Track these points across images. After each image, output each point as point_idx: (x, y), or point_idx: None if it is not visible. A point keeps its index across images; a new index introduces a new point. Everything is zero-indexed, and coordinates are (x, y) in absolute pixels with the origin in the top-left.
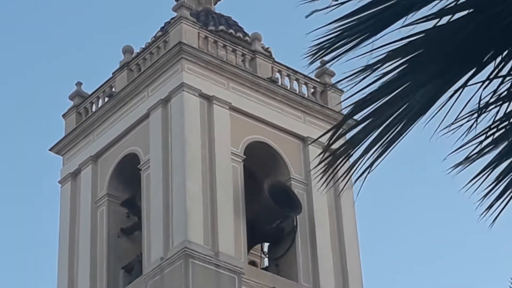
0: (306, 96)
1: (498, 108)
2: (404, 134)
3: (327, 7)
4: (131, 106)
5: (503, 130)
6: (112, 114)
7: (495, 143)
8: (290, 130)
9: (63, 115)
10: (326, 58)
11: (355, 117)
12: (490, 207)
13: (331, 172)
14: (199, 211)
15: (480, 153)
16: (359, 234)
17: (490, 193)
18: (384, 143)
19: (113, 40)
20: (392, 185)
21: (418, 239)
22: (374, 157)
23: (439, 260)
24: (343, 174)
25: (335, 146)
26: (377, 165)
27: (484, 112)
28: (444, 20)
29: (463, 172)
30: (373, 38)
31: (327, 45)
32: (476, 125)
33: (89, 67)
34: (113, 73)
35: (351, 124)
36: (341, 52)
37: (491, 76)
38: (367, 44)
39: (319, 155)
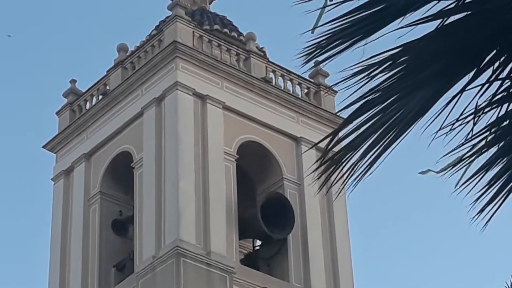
0: (299, 96)
1: (491, 112)
2: (401, 138)
3: (322, 7)
4: (125, 104)
5: (495, 134)
6: (106, 112)
7: (488, 146)
8: (284, 130)
9: (57, 113)
10: (320, 58)
11: (354, 121)
12: (482, 210)
13: (327, 177)
14: (192, 210)
15: (473, 157)
16: (351, 235)
17: (482, 197)
18: (380, 148)
19: (108, 38)
20: (385, 186)
21: (409, 241)
22: (370, 162)
23: (430, 262)
24: (338, 178)
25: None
26: (374, 169)
27: (480, 116)
28: (441, 22)
29: (455, 175)
30: (367, 39)
31: (321, 45)
32: (473, 129)
33: (83, 65)
34: (107, 71)
35: (348, 129)
36: (335, 52)
37: (490, 80)
38: (362, 46)
39: (318, 160)
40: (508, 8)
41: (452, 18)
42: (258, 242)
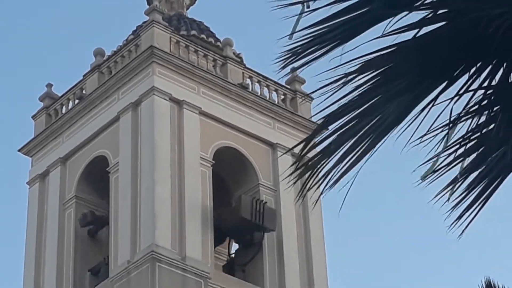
0: (276, 102)
1: (468, 121)
2: (377, 146)
3: (299, 14)
4: (101, 108)
5: (472, 142)
6: (82, 117)
7: (464, 155)
8: (260, 136)
9: (33, 116)
10: (297, 64)
11: (329, 127)
12: (459, 218)
13: (304, 183)
14: (167, 215)
15: (450, 165)
16: (326, 241)
17: (459, 205)
18: (356, 155)
19: (84, 42)
20: (361, 194)
21: (385, 248)
22: (346, 168)
23: (406, 269)
24: (313, 184)
25: (306, 156)
26: (353, 175)
27: (455, 125)
28: (418, 32)
29: (432, 184)
30: (344, 46)
31: (298, 51)
32: (448, 137)
33: (60, 69)
34: (84, 75)
35: (323, 135)
36: (312, 58)
37: (462, 91)
38: (339, 55)
39: (292, 165)
40: (484, 21)
41: (428, 28)
42: (234, 248)
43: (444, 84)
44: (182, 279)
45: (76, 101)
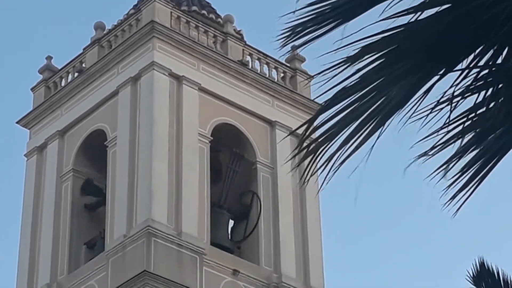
0: (275, 80)
1: (467, 100)
2: (382, 128)
3: None
4: (100, 82)
5: (470, 121)
6: (81, 90)
7: (462, 134)
8: (258, 114)
9: (32, 89)
10: (298, 42)
11: (331, 109)
12: (453, 197)
13: (306, 165)
14: (164, 190)
15: (446, 144)
16: (322, 220)
17: (455, 184)
18: (360, 138)
19: (85, 15)
20: (358, 172)
21: (382, 227)
22: (349, 152)
23: (402, 248)
24: (316, 170)
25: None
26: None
27: (457, 103)
28: (421, 14)
29: (429, 161)
30: (346, 25)
31: (299, 29)
32: (450, 116)
33: (60, 42)
34: (84, 49)
35: (325, 117)
36: (313, 37)
37: (466, 69)
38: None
39: (296, 148)
40: (487, 5)
41: (432, 11)
42: (230, 225)
43: (448, 66)
44: (178, 255)
45: (76, 74)
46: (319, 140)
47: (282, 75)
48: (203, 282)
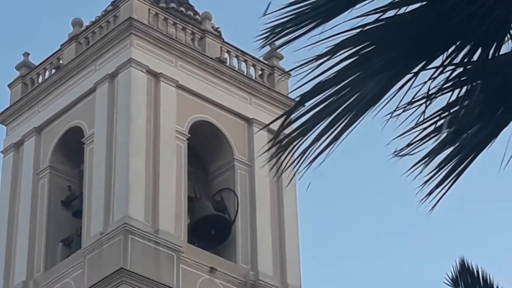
0: (253, 78)
1: (444, 97)
2: (355, 124)
3: None
4: (78, 79)
5: (446, 118)
6: (58, 87)
7: (438, 131)
8: (236, 111)
9: (9, 85)
10: (278, 43)
11: (305, 104)
12: (430, 193)
13: (280, 160)
14: (141, 187)
15: (423, 140)
16: (300, 217)
17: (431, 180)
18: (333, 133)
19: (63, 12)
20: (335, 168)
21: (359, 224)
22: (324, 146)
23: (380, 245)
24: (290, 163)
25: (283, 133)
26: (327, 154)
27: (432, 100)
28: (397, 12)
29: (406, 158)
30: (325, 25)
31: (279, 29)
32: (425, 112)
33: (37, 38)
34: (61, 45)
35: (300, 112)
36: (293, 37)
37: (440, 68)
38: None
39: (269, 142)
40: (463, 4)
41: (408, 8)
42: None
43: (423, 63)
44: (155, 252)
45: (53, 71)
46: (293, 134)
47: (260, 72)
48: (180, 279)
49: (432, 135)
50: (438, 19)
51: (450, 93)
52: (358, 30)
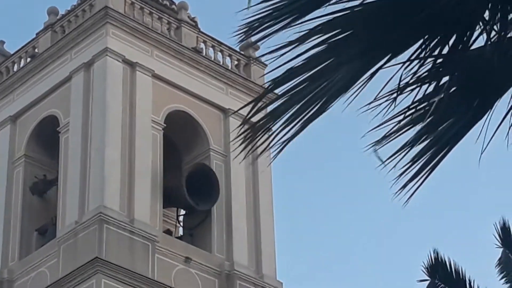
0: (229, 68)
1: (417, 89)
2: (325, 110)
3: None
4: (53, 68)
5: (421, 111)
6: (33, 75)
7: (413, 123)
8: (212, 101)
9: None
10: (255, 38)
11: (277, 91)
12: (404, 186)
13: (251, 144)
14: (117, 177)
15: (398, 133)
16: (275, 207)
17: (405, 173)
18: (304, 118)
19: (38, 0)
20: (311, 160)
21: (335, 215)
22: (294, 132)
23: (356, 236)
24: (263, 149)
25: (256, 119)
26: (295, 138)
27: (404, 92)
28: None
29: (380, 150)
30: (302, 19)
31: (256, 25)
32: (395, 105)
33: (12, 27)
34: (36, 34)
35: (272, 97)
36: (270, 32)
37: (412, 58)
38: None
39: (238, 126)
40: None
41: None
42: (182, 212)
43: (390, 54)
44: (130, 242)
45: (28, 59)
46: (263, 120)
47: (236, 62)
48: (155, 269)
49: (407, 128)
50: (408, 10)
51: (425, 86)
52: (328, 17)
